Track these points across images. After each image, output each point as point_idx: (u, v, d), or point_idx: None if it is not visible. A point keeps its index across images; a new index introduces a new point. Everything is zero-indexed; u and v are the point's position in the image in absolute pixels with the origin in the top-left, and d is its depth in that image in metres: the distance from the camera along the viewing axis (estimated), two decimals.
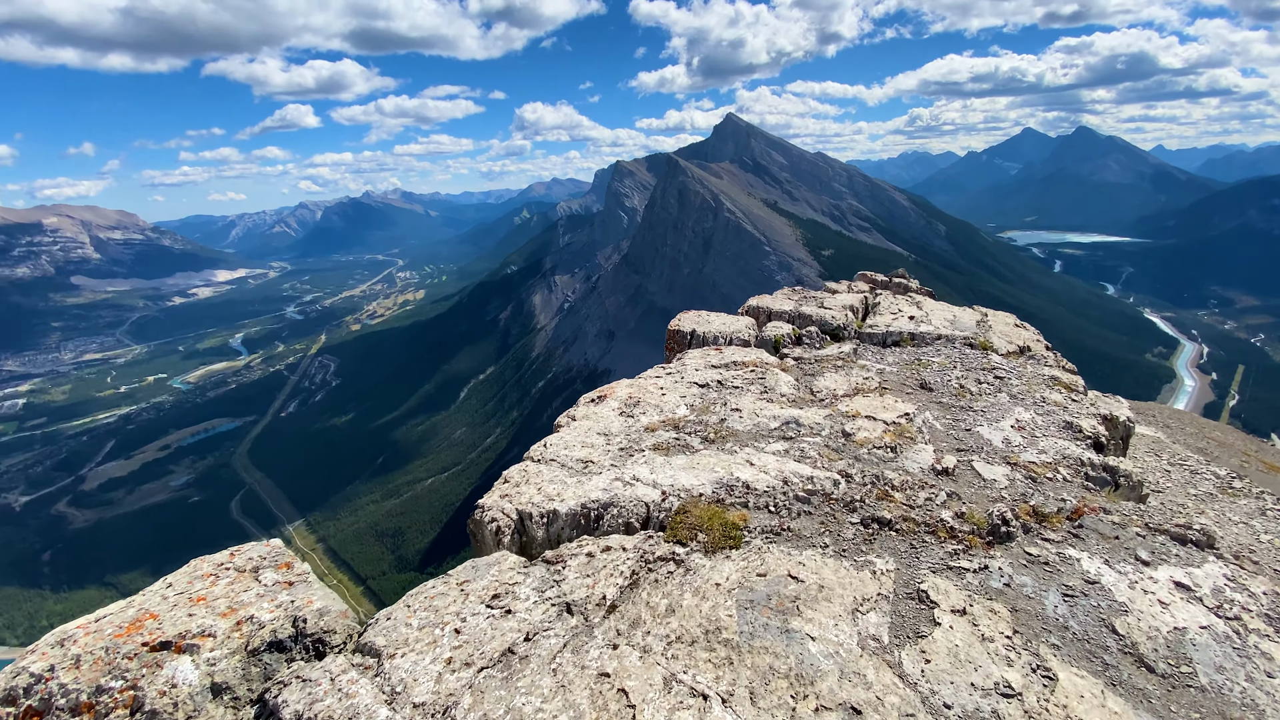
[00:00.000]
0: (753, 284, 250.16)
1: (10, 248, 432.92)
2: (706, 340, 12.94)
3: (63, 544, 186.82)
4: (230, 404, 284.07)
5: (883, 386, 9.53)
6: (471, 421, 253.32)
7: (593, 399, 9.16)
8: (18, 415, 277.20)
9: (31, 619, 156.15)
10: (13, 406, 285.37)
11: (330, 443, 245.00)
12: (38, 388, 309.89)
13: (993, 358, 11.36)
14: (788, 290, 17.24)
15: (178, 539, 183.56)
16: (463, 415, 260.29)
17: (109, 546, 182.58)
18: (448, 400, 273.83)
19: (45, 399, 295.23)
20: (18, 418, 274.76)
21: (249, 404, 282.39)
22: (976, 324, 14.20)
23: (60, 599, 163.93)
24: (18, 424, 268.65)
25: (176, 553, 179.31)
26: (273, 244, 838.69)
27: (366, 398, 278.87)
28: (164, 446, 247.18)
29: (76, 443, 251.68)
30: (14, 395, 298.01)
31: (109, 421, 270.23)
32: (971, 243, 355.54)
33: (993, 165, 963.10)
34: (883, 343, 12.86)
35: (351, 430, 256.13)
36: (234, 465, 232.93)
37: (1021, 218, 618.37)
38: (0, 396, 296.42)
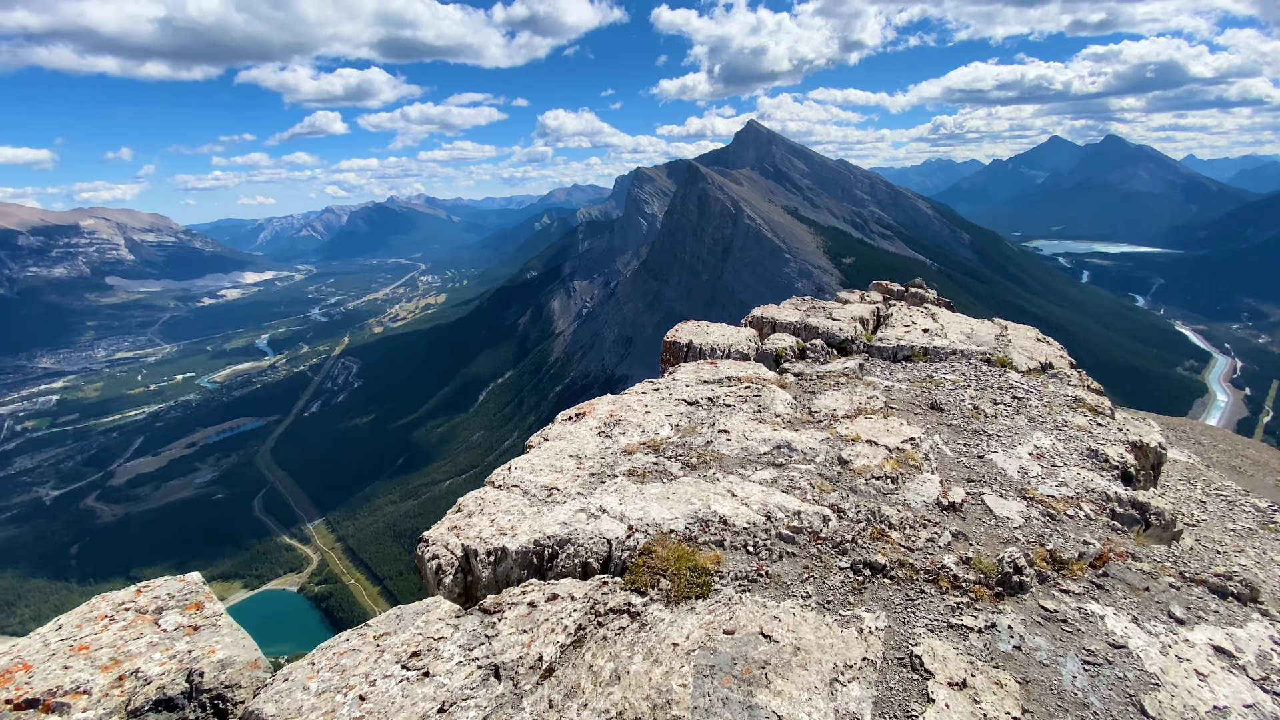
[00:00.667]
0: (772, 291, 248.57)
1: (49, 248, 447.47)
2: (703, 353, 12.40)
3: (90, 538, 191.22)
4: (255, 403, 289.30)
5: (889, 406, 8.98)
6: (490, 424, 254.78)
7: (570, 417, 8.70)
8: (51, 411, 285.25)
9: (57, 611, 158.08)
10: (47, 403, 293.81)
11: (351, 443, 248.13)
12: (71, 384, 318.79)
13: (1011, 376, 10.64)
14: (796, 300, 16.79)
15: (201, 535, 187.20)
16: (481, 418, 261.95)
17: (135, 541, 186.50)
18: (467, 403, 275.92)
19: (78, 396, 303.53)
20: (51, 413, 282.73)
21: (273, 404, 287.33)
22: (995, 338, 13.34)
23: (85, 592, 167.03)
24: (51, 420, 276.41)
25: (200, 548, 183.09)
26: (299, 247, 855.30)
27: (387, 399, 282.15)
28: (190, 444, 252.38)
29: (107, 439, 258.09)
30: (48, 391, 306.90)
31: (138, 419, 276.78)
32: (996, 252, 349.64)
33: (1018, 173, 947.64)
34: (893, 357, 12.23)
35: (372, 431, 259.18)
36: (257, 464, 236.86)
37: (1048, 227, 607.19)
38: (35, 393, 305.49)
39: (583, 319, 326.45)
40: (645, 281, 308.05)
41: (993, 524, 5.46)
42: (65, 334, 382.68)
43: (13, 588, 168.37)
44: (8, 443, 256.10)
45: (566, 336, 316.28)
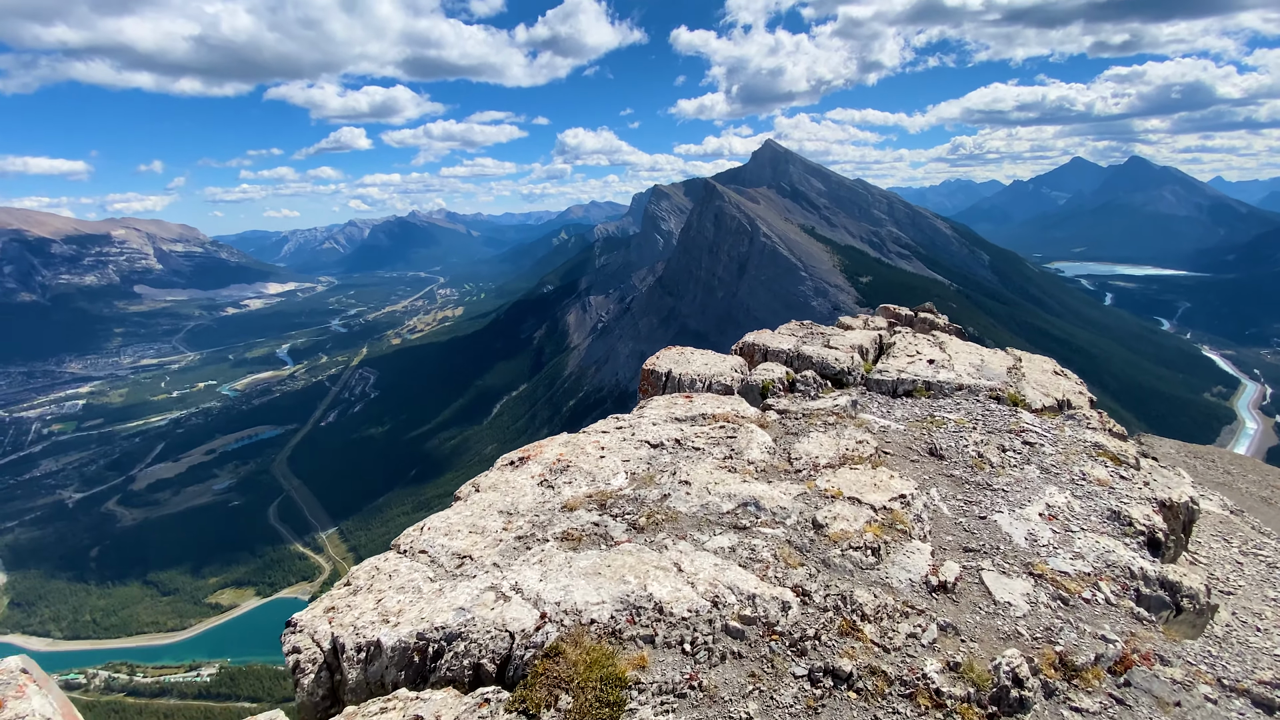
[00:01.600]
0: (788, 309, 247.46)
1: (81, 257, 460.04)
2: (682, 384, 11.46)
3: (109, 541, 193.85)
4: (274, 412, 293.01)
5: (881, 452, 8.10)
6: (502, 437, 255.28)
7: (512, 461, 7.86)
8: (77, 415, 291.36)
9: (75, 613, 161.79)
10: (73, 407, 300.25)
11: (366, 453, 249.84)
12: (97, 390, 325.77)
13: (1023, 417, 9.62)
14: (794, 325, 15.82)
15: (216, 541, 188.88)
16: (494, 431, 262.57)
17: (152, 546, 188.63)
18: (480, 415, 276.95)
19: (103, 401, 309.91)
20: (77, 418, 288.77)
21: (291, 412, 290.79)
22: (1008, 371, 12.16)
23: (103, 594, 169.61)
24: (76, 424, 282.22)
25: (215, 554, 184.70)
26: (322, 259, 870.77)
27: (403, 410, 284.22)
28: (209, 451, 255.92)
29: (129, 444, 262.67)
30: (75, 396, 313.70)
31: (160, 425, 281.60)
32: (1016, 273, 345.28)
33: (1039, 194, 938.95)
34: (893, 392, 11.23)
35: (387, 441, 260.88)
36: (273, 472, 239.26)
37: (1070, 248, 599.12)
38: (62, 397, 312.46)
39: (598, 334, 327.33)
40: (660, 297, 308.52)
41: (991, 611, 4.64)
42: (94, 340, 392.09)
43: (34, 588, 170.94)
44: (35, 445, 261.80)
45: (581, 351, 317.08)
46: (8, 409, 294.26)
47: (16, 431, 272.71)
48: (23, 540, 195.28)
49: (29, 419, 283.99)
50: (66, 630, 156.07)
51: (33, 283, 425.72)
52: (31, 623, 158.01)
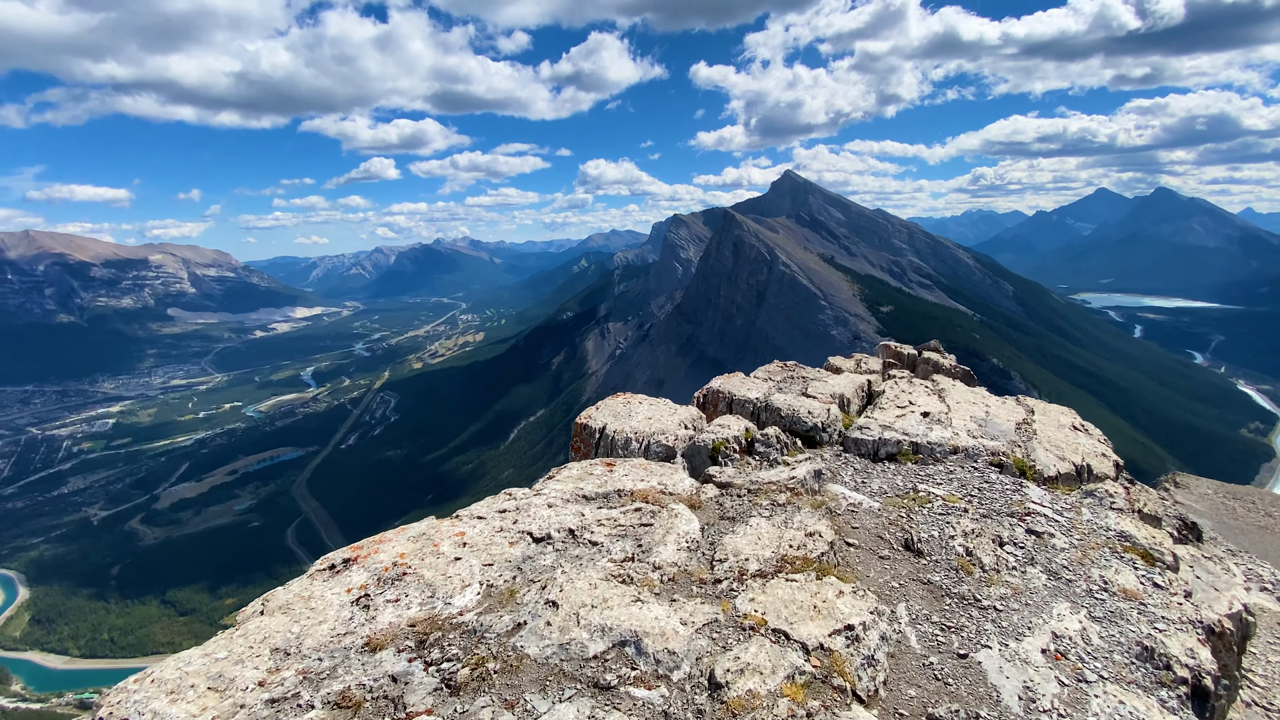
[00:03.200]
0: (807, 338, 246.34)
1: (119, 280, 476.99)
2: (616, 444, 9.90)
3: (130, 559, 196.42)
4: (296, 434, 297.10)
5: (840, 545, 6.57)
6: (519, 462, 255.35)
7: (334, 564, 6.29)
8: (107, 434, 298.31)
9: (94, 631, 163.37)
10: (104, 425, 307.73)
11: (384, 476, 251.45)
12: (127, 409, 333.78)
13: (1029, 493, 7.98)
14: (775, 367, 14.36)
15: (235, 562, 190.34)
16: (511, 455, 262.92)
17: (172, 565, 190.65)
18: (498, 439, 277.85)
19: (133, 420, 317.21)
20: (107, 436, 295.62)
21: (313, 435, 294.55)
22: (1016, 427, 10.42)
23: (122, 612, 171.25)
24: (105, 442, 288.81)
25: (233, 575, 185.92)
26: (349, 285, 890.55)
27: (421, 434, 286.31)
28: (232, 471, 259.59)
29: (155, 463, 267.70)
30: (106, 415, 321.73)
31: (186, 445, 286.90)
32: (1041, 303, 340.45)
33: (1064, 225, 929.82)
34: (872, 454, 9.58)
35: (405, 465, 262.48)
36: (294, 493, 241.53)
37: (1096, 279, 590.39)
38: (94, 416, 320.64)
39: (616, 360, 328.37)
40: (679, 325, 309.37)
41: None
42: (127, 361, 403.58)
43: (55, 605, 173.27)
44: (65, 462, 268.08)
45: (599, 377, 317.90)
46: (41, 426, 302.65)
47: (48, 449, 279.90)
48: (47, 556, 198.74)
49: (60, 437, 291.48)
50: (84, 648, 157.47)
51: (72, 305, 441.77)
52: (50, 640, 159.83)
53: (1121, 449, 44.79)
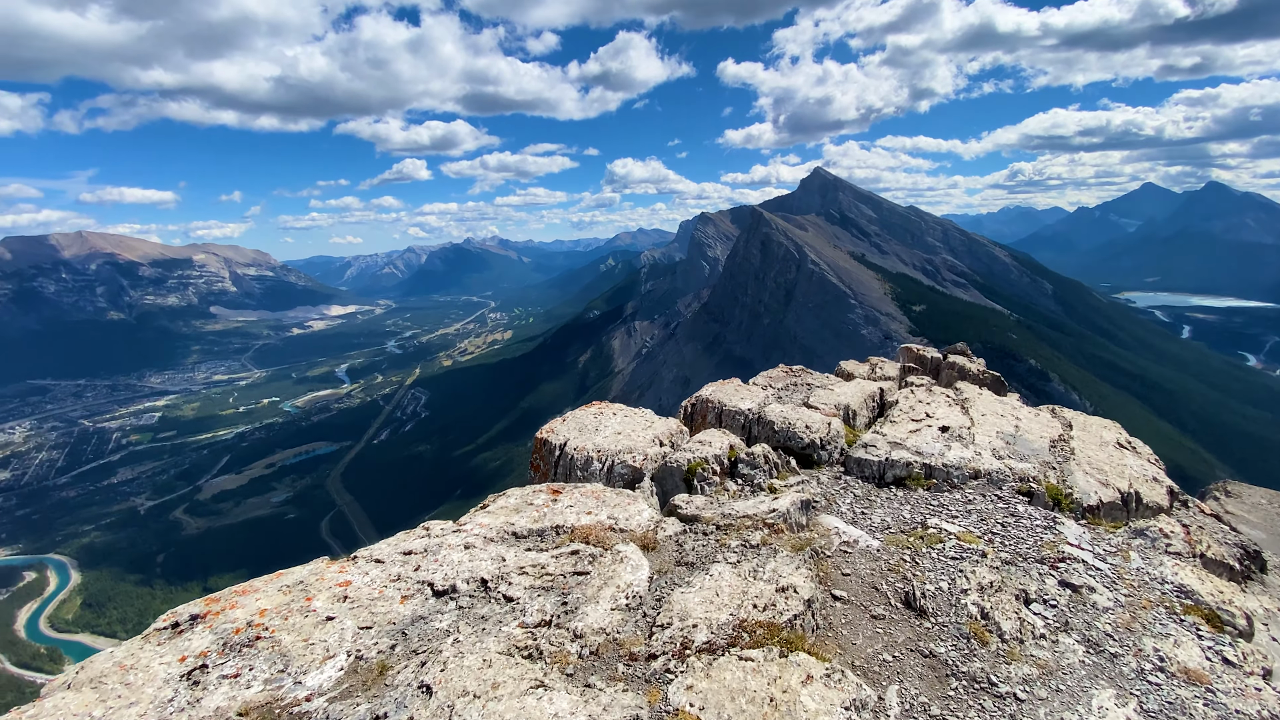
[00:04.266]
0: (836, 337, 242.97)
1: (165, 279, 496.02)
2: (575, 465, 8.65)
3: (175, 548, 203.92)
4: (330, 429, 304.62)
5: (818, 606, 5.21)
6: None
7: (177, 623, 5.24)
8: (153, 427, 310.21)
9: (140, 616, 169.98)
10: (150, 418, 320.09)
11: (415, 471, 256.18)
12: (172, 403, 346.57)
13: (1065, 530, 6.69)
14: (779, 371, 12.96)
15: (272, 552, 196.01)
16: None
17: (213, 554, 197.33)
18: (525, 436, 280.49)
19: (177, 414, 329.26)
20: (153, 429, 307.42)
21: (347, 430, 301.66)
22: (1051, 445, 8.95)
23: (166, 598, 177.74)
24: (152, 435, 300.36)
25: (269, 564, 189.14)
26: (382, 283, 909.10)
27: (451, 430, 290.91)
28: (270, 464, 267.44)
29: (198, 455, 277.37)
30: (153, 409, 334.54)
31: (227, 438, 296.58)
32: (1082, 303, 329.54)
33: (1107, 221, 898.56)
34: (878, 477, 8.24)
35: (435, 460, 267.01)
36: (328, 487, 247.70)
37: (1142, 278, 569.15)
38: (141, 409, 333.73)
39: (642, 358, 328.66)
40: (705, 323, 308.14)
41: None
42: (173, 356, 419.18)
43: (105, 590, 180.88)
44: (114, 454, 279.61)
45: (625, 375, 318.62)
46: (92, 419, 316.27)
47: (99, 440, 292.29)
48: (98, 543, 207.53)
49: (110, 429, 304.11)
50: (131, 631, 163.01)
51: (121, 302, 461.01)
52: (100, 623, 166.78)
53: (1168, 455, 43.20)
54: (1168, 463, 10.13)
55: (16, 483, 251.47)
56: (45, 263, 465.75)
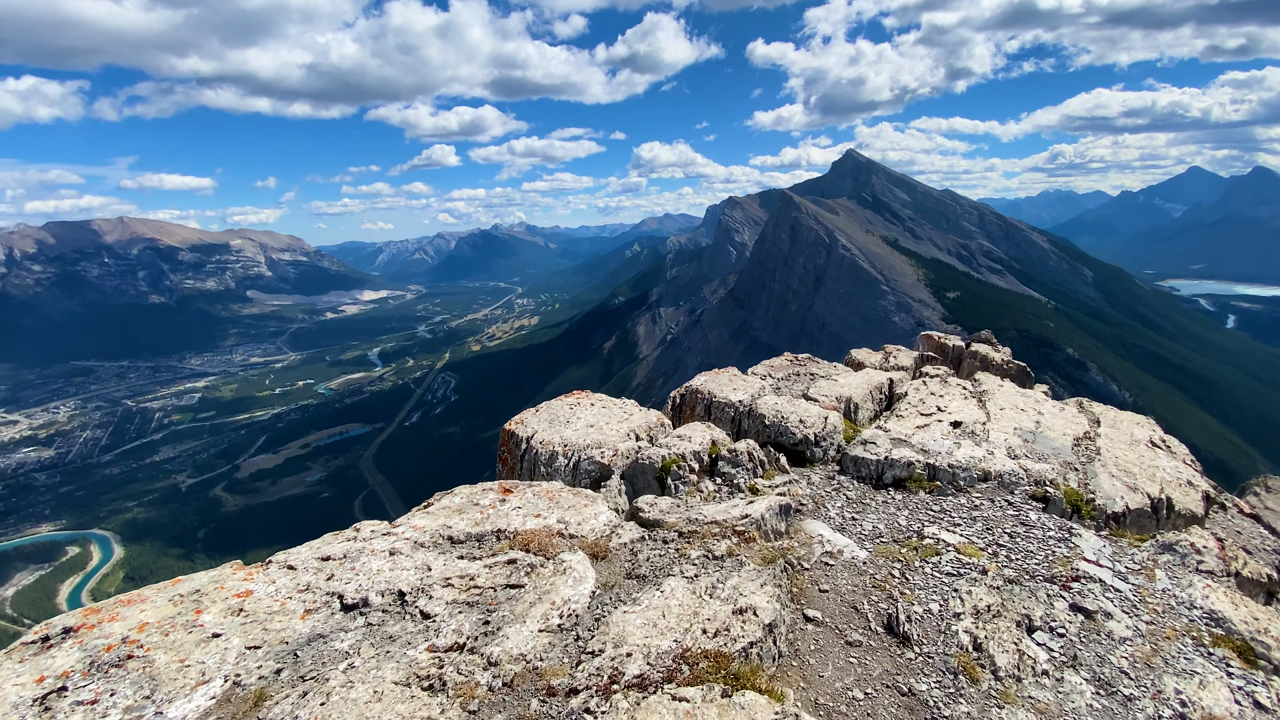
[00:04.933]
0: (867, 324, 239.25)
1: (204, 264, 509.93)
2: (540, 461, 8.07)
3: (214, 524, 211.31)
4: (363, 411, 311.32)
5: (781, 630, 4.57)
6: None
7: (50, 635, 4.73)
8: (194, 407, 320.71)
9: None
10: (191, 399, 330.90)
11: (445, 453, 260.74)
12: (212, 384, 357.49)
13: (1082, 544, 5.97)
14: (783, 361, 12.23)
15: (307, 530, 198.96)
16: None
17: (250, 530, 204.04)
18: None
19: (217, 395, 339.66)
20: (193, 409, 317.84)
21: (379, 412, 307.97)
22: (1075, 443, 8.27)
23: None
24: (192, 415, 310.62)
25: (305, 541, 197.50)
26: (412, 269, 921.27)
27: (480, 413, 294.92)
28: (305, 445, 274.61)
29: (236, 435, 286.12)
30: (193, 390, 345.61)
31: (264, 419, 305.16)
32: (1123, 290, 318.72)
33: (1151, 206, 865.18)
34: (874, 478, 7.58)
35: (464, 443, 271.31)
36: (360, 467, 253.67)
37: (1186, 265, 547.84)
38: (182, 390, 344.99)
39: (667, 345, 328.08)
40: (731, 310, 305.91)
41: None
42: (211, 339, 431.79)
43: (148, 563, 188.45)
44: (156, 433, 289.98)
45: (650, 362, 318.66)
46: (135, 399, 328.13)
47: (142, 420, 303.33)
48: (140, 519, 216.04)
49: (153, 409, 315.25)
50: None
51: (162, 286, 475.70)
52: None
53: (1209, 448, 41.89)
54: (1208, 456, 9.31)
55: (61, 460, 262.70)
56: (88, 248, 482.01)
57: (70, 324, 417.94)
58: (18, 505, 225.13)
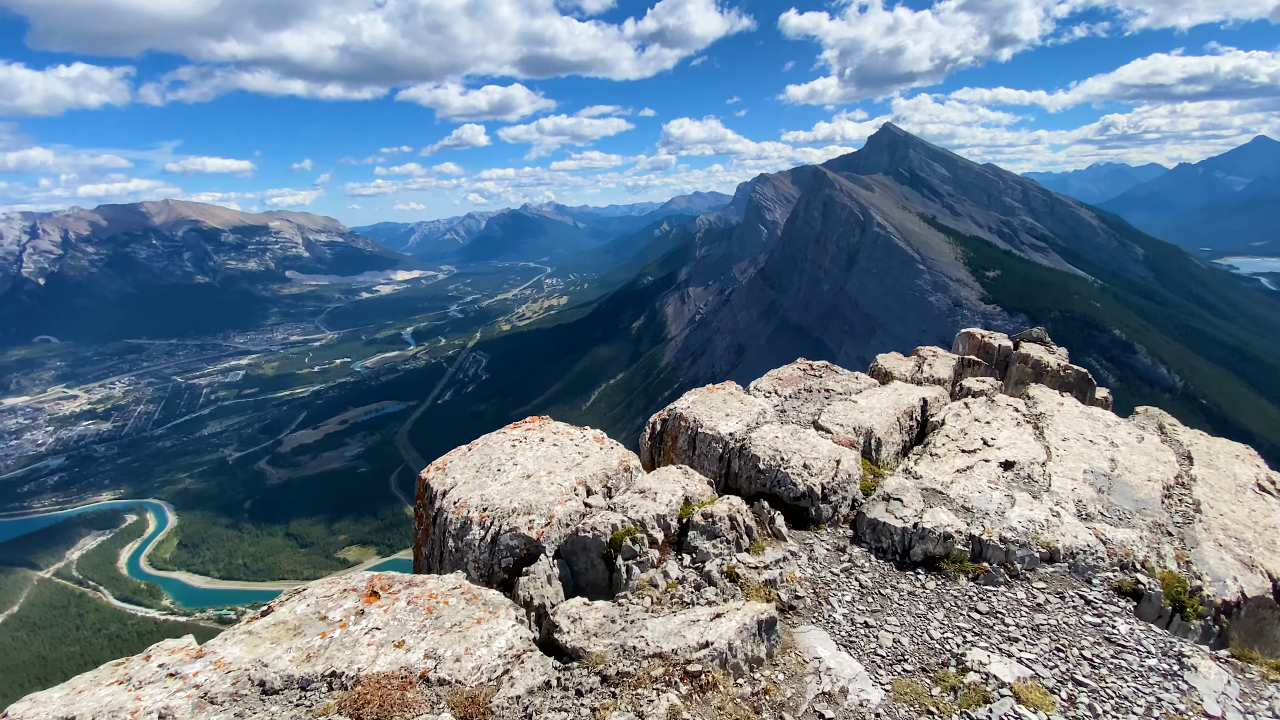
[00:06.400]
0: (901, 304, 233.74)
1: (244, 245, 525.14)
2: (449, 530, 6.16)
3: (260, 495, 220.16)
4: (398, 388, 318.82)
5: None
6: (600, 423, 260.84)
7: None
8: (238, 384, 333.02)
9: (230, 556, 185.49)
10: (235, 376, 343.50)
11: (476, 430, 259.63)
12: (255, 362, 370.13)
13: (1198, 680, 4.22)
14: (796, 370, 10.22)
15: (346, 502, 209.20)
16: (592, 417, 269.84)
17: (294, 502, 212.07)
18: (579, 400, 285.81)
19: (259, 372, 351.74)
20: (238, 386, 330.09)
21: (413, 390, 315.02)
22: (1165, 492, 6.43)
23: (253, 541, 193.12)
24: (237, 391, 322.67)
25: (344, 513, 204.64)
26: (443, 249, 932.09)
27: (510, 392, 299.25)
28: (343, 421, 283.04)
29: (278, 411, 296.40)
30: (237, 367, 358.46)
31: (304, 395, 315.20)
32: (1177, 268, 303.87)
33: (1211, 179, 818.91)
34: (900, 553, 5.90)
35: (496, 419, 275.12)
36: (396, 443, 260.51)
37: (1248, 242, 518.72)
38: (227, 367, 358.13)
39: (695, 325, 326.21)
40: (761, 290, 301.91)
41: None
42: (253, 318, 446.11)
43: (199, 532, 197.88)
44: (204, 408, 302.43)
45: (678, 342, 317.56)
46: (184, 376, 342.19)
47: (190, 396, 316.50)
48: (191, 490, 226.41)
49: (200, 385, 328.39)
50: (222, 571, 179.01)
51: (206, 267, 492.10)
52: (195, 562, 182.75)
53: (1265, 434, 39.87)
54: (1264, 443, 7.92)
55: (118, 433, 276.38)
56: (137, 230, 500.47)
57: (122, 303, 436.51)
58: (80, 475, 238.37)
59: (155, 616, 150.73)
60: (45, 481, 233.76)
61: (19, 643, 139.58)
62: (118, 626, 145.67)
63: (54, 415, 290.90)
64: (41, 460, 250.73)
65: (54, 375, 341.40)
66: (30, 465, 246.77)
